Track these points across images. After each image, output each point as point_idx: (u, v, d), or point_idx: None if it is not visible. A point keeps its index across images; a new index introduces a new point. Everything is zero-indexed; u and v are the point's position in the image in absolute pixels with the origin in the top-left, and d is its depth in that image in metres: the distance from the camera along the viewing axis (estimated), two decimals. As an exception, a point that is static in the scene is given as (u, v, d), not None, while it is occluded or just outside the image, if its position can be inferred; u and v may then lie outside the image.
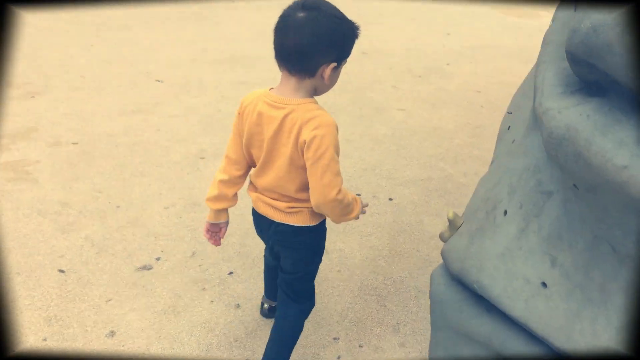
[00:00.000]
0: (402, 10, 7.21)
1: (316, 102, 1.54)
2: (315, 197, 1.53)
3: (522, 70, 5.31)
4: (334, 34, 1.46)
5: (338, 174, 1.51)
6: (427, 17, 6.96)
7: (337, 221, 1.64)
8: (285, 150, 1.53)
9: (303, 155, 1.49)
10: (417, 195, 3.07)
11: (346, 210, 1.59)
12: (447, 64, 5.26)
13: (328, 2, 1.50)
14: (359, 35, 1.53)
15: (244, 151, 1.66)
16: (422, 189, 3.13)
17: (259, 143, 1.59)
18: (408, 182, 3.20)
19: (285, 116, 1.49)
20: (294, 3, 1.49)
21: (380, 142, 3.68)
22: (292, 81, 1.51)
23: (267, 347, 1.84)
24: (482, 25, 6.70)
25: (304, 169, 1.52)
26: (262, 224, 1.74)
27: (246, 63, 4.96)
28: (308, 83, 1.51)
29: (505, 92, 4.66)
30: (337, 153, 1.51)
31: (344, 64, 1.55)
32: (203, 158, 3.34)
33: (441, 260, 1.75)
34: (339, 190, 1.52)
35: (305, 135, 1.46)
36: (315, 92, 1.56)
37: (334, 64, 1.48)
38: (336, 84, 1.59)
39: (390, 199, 3.04)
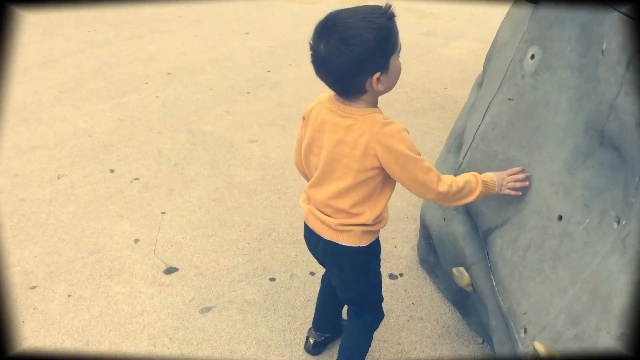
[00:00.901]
0: (181, 13, 6.34)
1: (381, 112, 1.50)
2: (422, 197, 1.53)
3: None
4: (360, 54, 1.38)
5: (429, 170, 1.47)
6: (213, 17, 6.22)
7: (454, 205, 1.63)
8: (348, 162, 1.49)
9: (376, 168, 1.48)
10: (338, 258, 2.50)
11: (458, 196, 1.54)
12: (268, 71, 4.68)
13: (343, 17, 1.40)
14: (394, 14, 1.44)
15: (303, 158, 1.65)
16: (339, 248, 2.57)
17: (318, 150, 1.56)
18: (319, 243, 2.60)
19: (351, 126, 1.46)
20: (315, 29, 1.43)
21: (255, 192, 2.99)
22: (351, 99, 1.48)
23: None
24: (274, 17, 6.22)
25: (368, 182, 1.51)
26: (311, 238, 1.70)
27: (28, 116, 3.74)
28: (366, 96, 1.47)
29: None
30: (417, 152, 1.46)
31: (397, 56, 1.46)
32: (34, 287, 2.29)
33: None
34: (438, 183, 1.48)
35: (380, 150, 1.44)
36: (378, 96, 1.51)
37: (377, 74, 1.41)
38: (156, 125, 1.27)
39: (312, 273, 2.43)
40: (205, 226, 2.71)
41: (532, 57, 1.67)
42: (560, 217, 1.44)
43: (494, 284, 1.64)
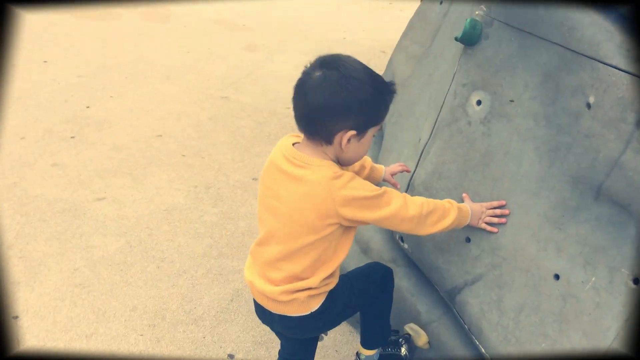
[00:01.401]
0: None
1: (335, 165, 1.40)
2: (398, 230, 1.50)
3: (172, 90, 4.50)
4: (349, 98, 1.31)
5: (393, 198, 1.39)
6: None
7: (431, 233, 1.48)
8: (301, 218, 1.37)
9: (333, 225, 1.37)
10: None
11: (432, 219, 1.44)
12: (88, 107, 4.03)
13: (351, 60, 1.35)
14: (393, 97, 1.39)
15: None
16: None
17: (268, 200, 1.44)
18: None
19: (304, 177, 1.36)
20: (315, 60, 1.37)
21: (126, 265, 2.51)
22: (310, 145, 1.40)
23: (363, 332, 1.77)
24: (71, 39, 5.41)
25: (321, 241, 1.39)
26: (262, 314, 1.57)
27: None
28: (328, 149, 1.39)
29: (185, 124, 3.87)
30: (374, 189, 1.37)
31: (375, 131, 1.40)
32: None
33: None
34: (408, 207, 1.40)
35: (340, 204, 1.34)
36: (338, 161, 1.42)
37: (352, 132, 1.34)
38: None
39: (231, 356, 2.10)
40: (78, 324, 2.19)
41: (479, 102, 1.59)
42: (557, 277, 1.37)
43: (483, 350, 1.53)
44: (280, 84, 4.68)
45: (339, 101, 1.30)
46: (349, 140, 1.34)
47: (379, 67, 5.28)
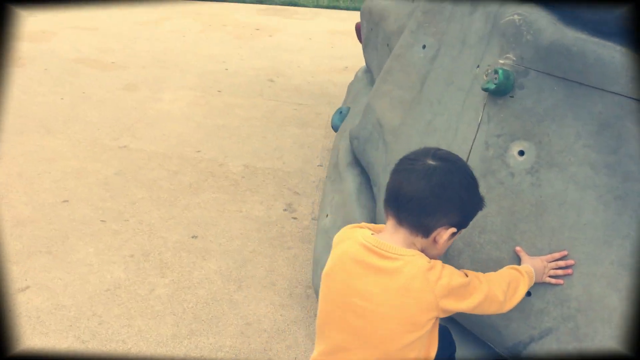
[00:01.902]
0: None
1: (423, 255, 1.31)
2: (488, 313, 1.40)
3: (59, 145, 3.92)
4: (465, 194, 1.30)
5: (476, 283, 1.33)
6: None
7: (511, 308, 1.43)
8: (400, 315, 1.26)
9: (432, 319, 1.28)
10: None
11: (510, 290, 1.40)
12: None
13: (462, 159, 1.39)
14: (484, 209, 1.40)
15: (320, 318, 1.38)
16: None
17: (347, 299, 1.30)
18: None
19: (399, 270, 1.26)
20: (423, 149, 1.35)
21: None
22: (400, 234, 1.31)
23: None
24: None
25: (422, 338, 1.29)
26: None
27: None
28: (418, 242, 1.32)
29: (90, 183, 3.43)
30: (461, 274, 1.32)
31: (458, 236, 1.38)
32: None
33: None
34: (490, 287, 1.35)
35: (442, 297, 1.26)
36: (425, 251, 1.34)
37: (453, 230, 1.31)
38: None
39: None
40: None
41: (521, 153, 1.56)
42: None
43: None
44: (179, 125, 4.35)
45: (457, 196, 1.29)
46: (449, 235, 1.32)
47: (271, 97, 5.14)
